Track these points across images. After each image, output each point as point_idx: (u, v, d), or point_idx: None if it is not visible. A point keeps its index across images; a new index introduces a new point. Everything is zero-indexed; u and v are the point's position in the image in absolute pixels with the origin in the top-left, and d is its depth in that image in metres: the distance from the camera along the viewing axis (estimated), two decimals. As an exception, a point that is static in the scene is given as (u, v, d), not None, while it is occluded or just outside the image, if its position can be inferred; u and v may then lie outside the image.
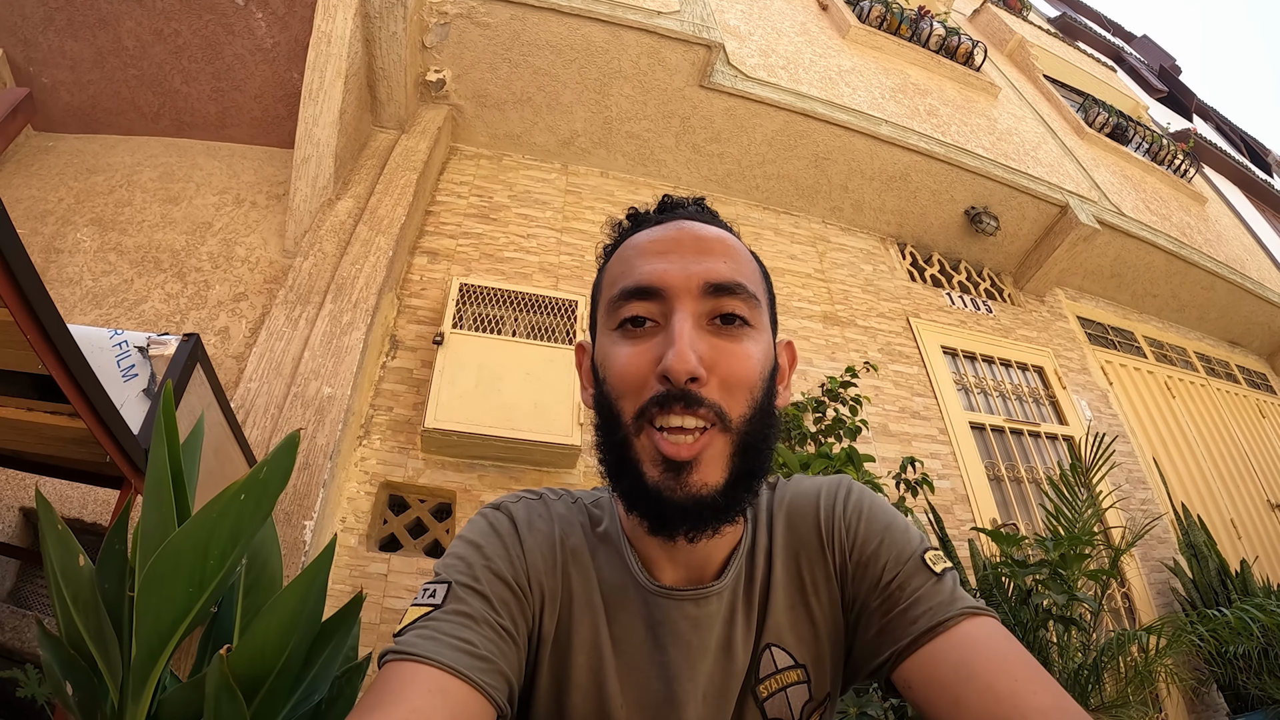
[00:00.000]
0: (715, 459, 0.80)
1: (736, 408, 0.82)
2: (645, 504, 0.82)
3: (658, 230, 0.93)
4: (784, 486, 1.02)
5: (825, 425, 3.98)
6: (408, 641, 0.77)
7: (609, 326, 0.90)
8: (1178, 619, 4.12)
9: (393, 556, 3.46)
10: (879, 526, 0.93)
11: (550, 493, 1.03)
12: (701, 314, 0.84)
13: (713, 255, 0.88)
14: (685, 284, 0.85)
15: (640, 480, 0.82)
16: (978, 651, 0.76)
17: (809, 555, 0.94)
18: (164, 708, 1.29)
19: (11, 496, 3.31)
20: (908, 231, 6.49)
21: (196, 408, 2.11)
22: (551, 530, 0.96)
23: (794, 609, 0.93)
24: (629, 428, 0.83)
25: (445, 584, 0.84)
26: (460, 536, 0.93)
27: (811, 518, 0.96)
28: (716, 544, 0.91)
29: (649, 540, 0.91)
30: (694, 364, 0.79)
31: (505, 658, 0.80)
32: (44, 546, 1.33)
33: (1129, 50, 14.82)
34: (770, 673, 0.91)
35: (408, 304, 4.29)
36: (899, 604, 0.84)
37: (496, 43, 4.87)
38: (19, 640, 2.93)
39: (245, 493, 1.19)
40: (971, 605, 0.82)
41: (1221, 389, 7.69)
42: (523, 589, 0.88)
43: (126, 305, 3.94)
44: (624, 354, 0.85)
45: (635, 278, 0.87)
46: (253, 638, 1.24)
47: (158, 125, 4.82)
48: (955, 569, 0.91)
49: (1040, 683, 0.72)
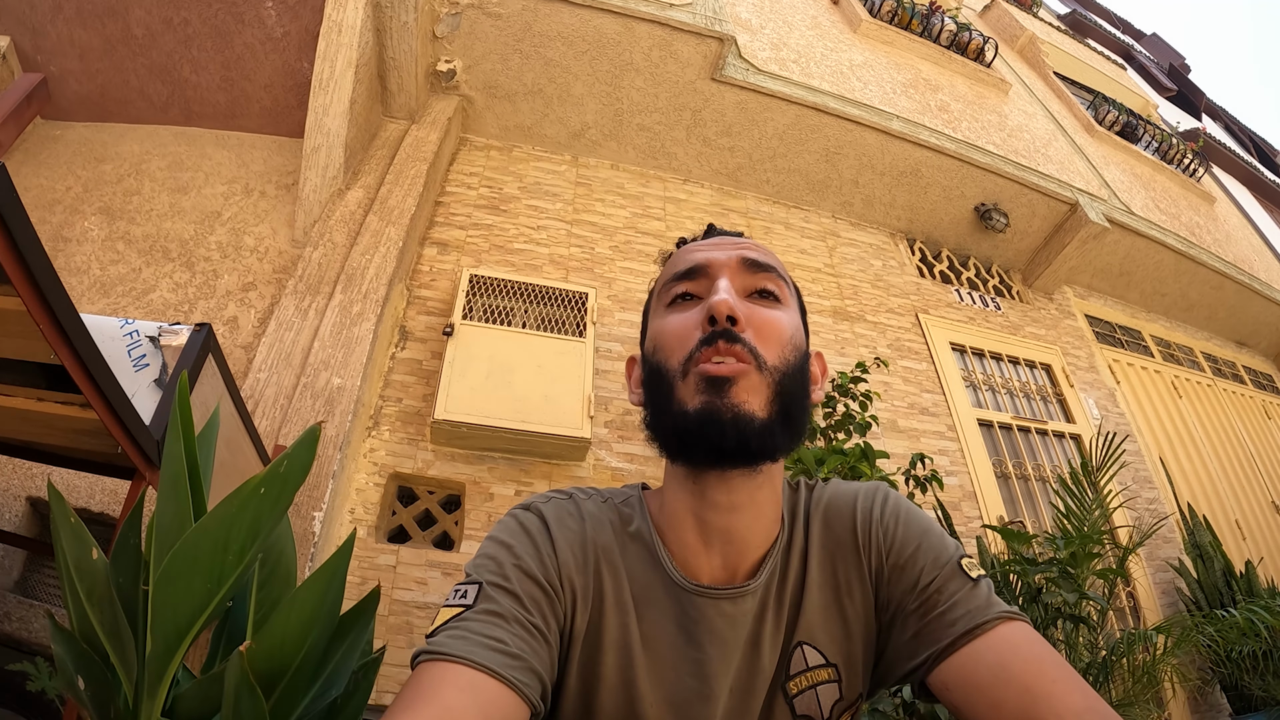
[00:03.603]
0: (754, 389, 0.85)
1: (771, 356, 0.88)
2: (690, 427, 0.85)
3: (703, 239, 1.05)
4: (821, 488, 1.04)
5: (835, 420, 3.96)
6: (440, 642, 0.77)
7: (660, 309, 0.99)
8: (1186, 619, 4.12)
9: (401, 548, 3.46)
10: (916, 531, 0.95)
11: (580, 492, 1.04)
12: (740, 287, 0.93)
13: (749, 247, 0.99)
14: (726, 261, 0.95)
15: (685, 412, 0.86)
16: (1014, 654, 0.79)
17: (844, 556, 0.97)
18: (179, 703, 1.27)
19: (19, 486, 3.30)
20: (918, 227, 6.47)
21: (209, 398, 2.10)
22: (582, 529, 0.97)
23: (827, 608, 0.95)
24: (675, 373, 0.89)
25: (476, 584, 0.85)
26: (490, 537, 0.94)
27: (849, 520, 0.98)
28: (754, 529, 0.93)
29: (685, 528, 0.94)
30: (734, 303, 0.88)
31: (537, 655, 0.81)
32: (56, 540, 1.32)
33: (1139, 48, 14.74)
34: (801, 670, 0.92)
35: (417, 295, 4.28)
36: (937, 607, 0.86)
37: (508, 34, 4.85)
38: (26, 630, 2.92)
39: (265, 487, 1.18)
40: (1007, 610, 0.84)
41: (1228, 389, 7.66)
42: (554, 587, 0.90)
43: (134, 294, 3.93)
44: (673, 320, 0.94)
45: (684, 264, 0.98)
46: (272, 633, 1.23)
47: (167, 114, 4.80)
48: (988, 575, 0.92)
49: (1075, 684, 0.75)
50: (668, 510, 0.96)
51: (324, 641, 1.32)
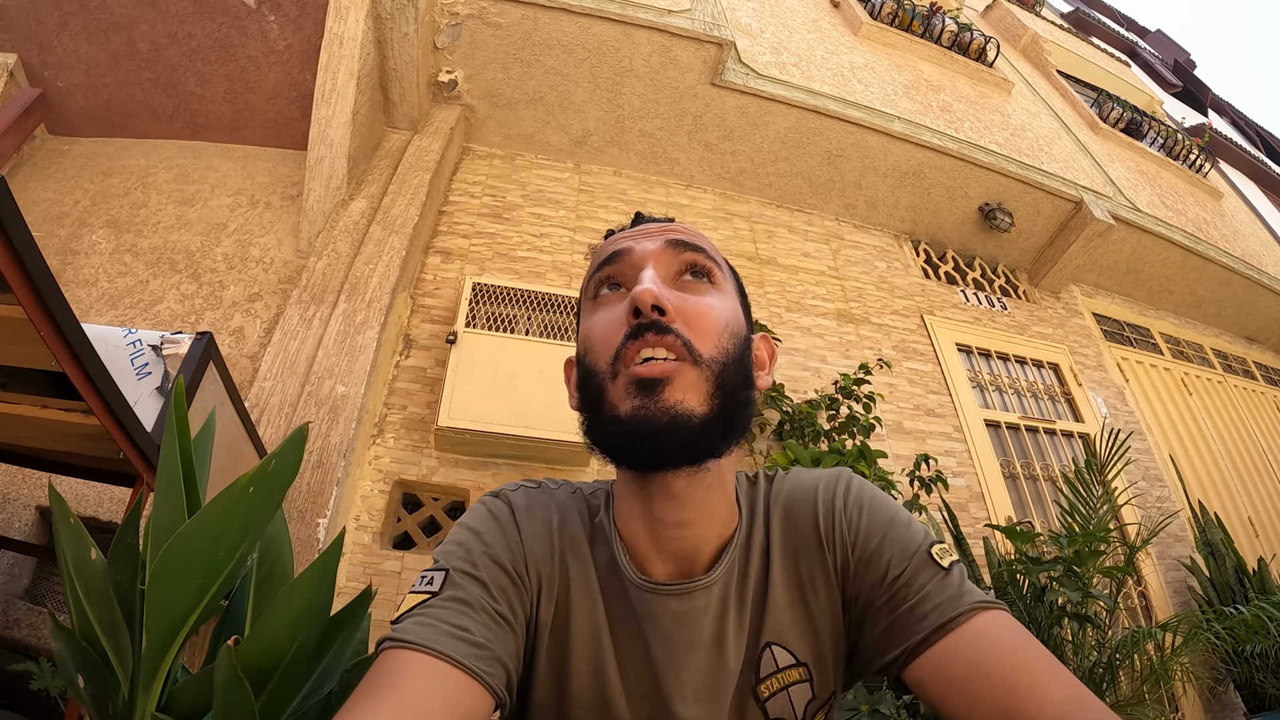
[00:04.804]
0: (690, 386, 0.81)
1: (705, 348, 0.83)
2: (623, 433, 0.81)
3: (630, 228, 1.00)
4: (781, 479, 1.01)
5: (839, 423, 3.97)
6: (405, 629, 0.76)
7: (587, 305, 0.95)
8: (1193, 616, 4.09)
9: (406, 554, 3.47)
10: (881, 521, 0.92)
11: (550, 482, 1.03)
12: (669, 273, 0.90)
13: (675, 230, 0.95)
14: (650, 246, 0.91)
15: (615, 414, 0.82)
16: (990, 646, 0.76)
17: (807, 552, 0.93)
18: (175, 698, 1.30)
19: (28, 495, 3.34)
20: (921, 228, 6.46)
21: (210, 405, 2.13)
22: (550, 518, 0.96)
23: (793, 606, 0.92)
24: (604, 374, 0.84)
25: (443, 571, 0.84)
26: (460, 523, 0.93)
27: (810, 513, 0.95)
28: (706, 534, 0.91)
29: (638, 532, 0.92)
30: (658, 292, 0.83)
31: (503, 645, 0.80)
32: (57, 539, 1.35)
33: (1143, 45, 14.73)
34: (771, 672, 0.90)
35: (421, 303, 4.30)
36: (906, 601, 0.84)
37: (508, 43, 4.88)
38: (35, 637, 2.95)
39: (254, 485, 1.20)
40: (981, 599, 0.81)
41: (1239, 386, 7.62)
42: (521, 575, 0.89)
43: (142, 306, 3.96)
44: (599, 318, 0.90)
45: (605, 253, 0.95)
46: (262, 629, 1.24)
47: (172, 127, 4.85)
48: (961, 562, 0.90)
49: (1055, 674, 0.72)
50: (624, 512, 0.94)
51: (315, 639, 1.34)
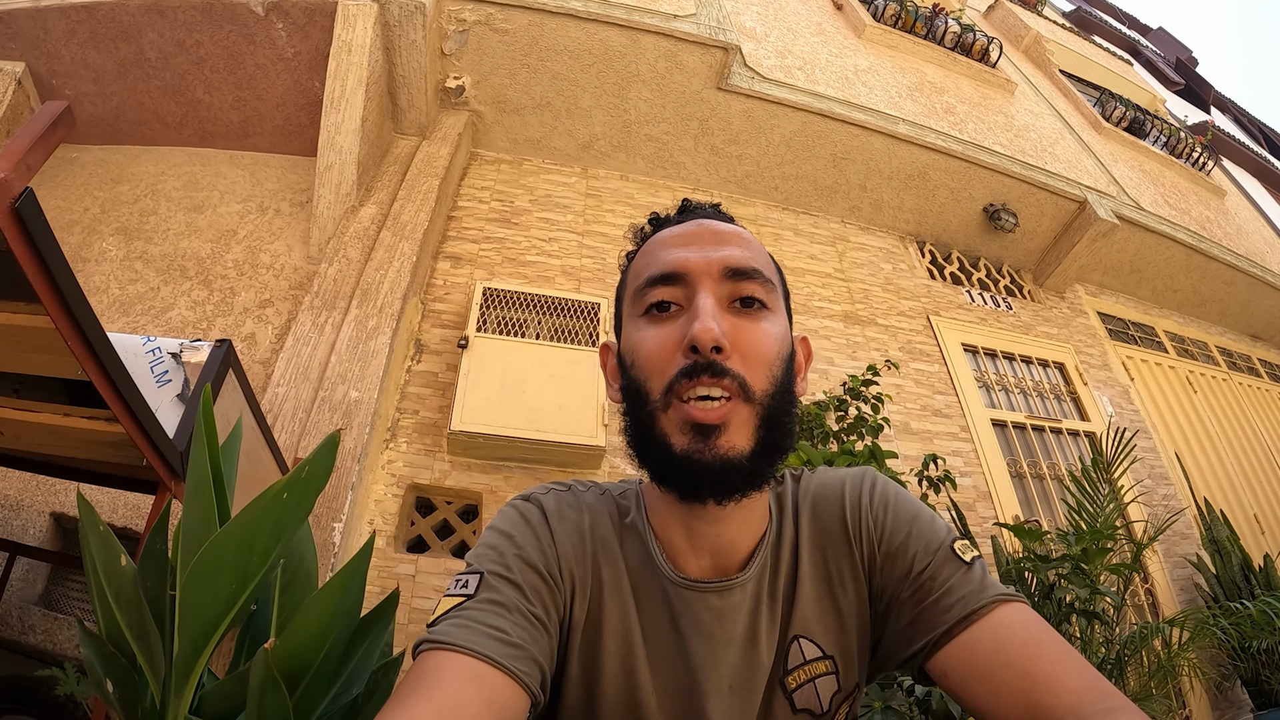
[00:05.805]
0: (741, 426, 0.82)
1: (758, 382, 0.84)
2: (675, 471, 0.84)
3: (678, 227, 0.97)
4: (808, 478, 1.03)
5: (848, 424, 3.98)
6: (441, 631, 0.77)
7: (635, 314, 0.93)
8: (1200, 612, 4.11)
9: (420, 558, 3.50)
10: (906, 517, 0.94)
11: (579, 484, 1.04)
12: (722, 297, 0.88)
13: (730, 244, 0.92)
14: (706, 268, 0.88)
15: (669, 450, 0.83)
16: (1012, 637, 0.78)
17: (834, 547, 0.95)
18: (205, 702, 1.32)
19: (42, 502, 3.36)
20: (926, 230, 6.48)
21: (230, 411, 2.15)
22: (581, 519, 0.97)
23: (821, 600, 0.94)
24: (657, 403, 0.85)
25: (477, 574, 0.85)
26: (491, 527, 0.95)
27: (837, 509, 0.97)
28: (742, 532, 0.93)
29: (674, 531, 0.93)
30: (718, 333, 0.82)
31: (537, 645, 0.81)
32: (85, 547, 1.36)
33: (1145, 43, 14.71)
34: (798, 664, 0.92)
35: (432, 308, 4.33)
36: (931, 594, 0.86)
37: (515, 49, 4.91)
38: (51, 643, 2.97)
39: (288, 491, 1.22)
40: (1003, 592, 0.83)
41: (1244, 383, 7.63)
42: (554, 577, 0.90)
43: (153, 313, 3.99)
44: (651, 336, 0.88)
45: (659, 266, 0.91)
46: (294, 633, 1.26)
47: (181, 135, 4.88)
48: (981, 557, 0.92)
49: (1075, 664, 0.74)
50: (658, 511, 0.96)
51: (344, 641, 1.36)
